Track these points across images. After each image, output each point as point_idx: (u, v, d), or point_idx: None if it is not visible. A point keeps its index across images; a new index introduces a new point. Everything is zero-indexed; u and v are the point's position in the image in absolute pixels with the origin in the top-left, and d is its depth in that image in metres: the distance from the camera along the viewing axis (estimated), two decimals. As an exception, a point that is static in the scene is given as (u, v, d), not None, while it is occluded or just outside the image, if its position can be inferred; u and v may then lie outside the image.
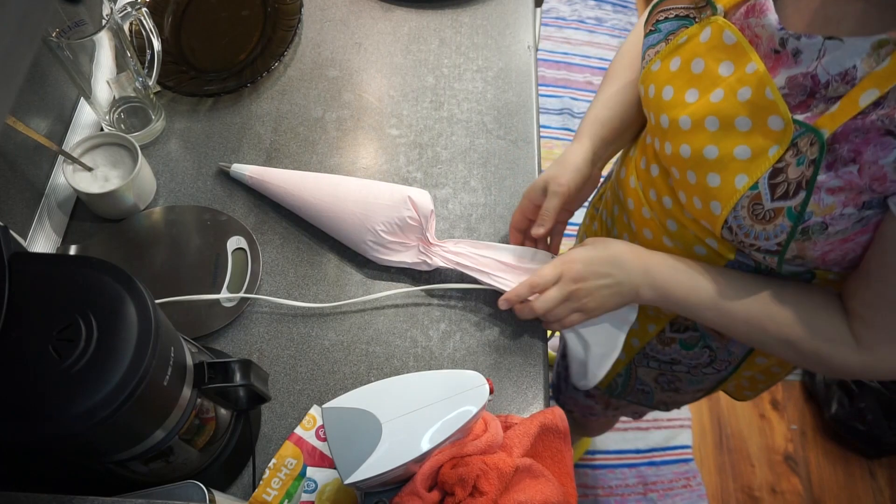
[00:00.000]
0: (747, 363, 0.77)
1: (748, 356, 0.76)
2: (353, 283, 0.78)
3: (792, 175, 0.53)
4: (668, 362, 0.82)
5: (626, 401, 0.95)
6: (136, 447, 0.51)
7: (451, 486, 0.57)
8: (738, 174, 0.56)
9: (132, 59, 0.77)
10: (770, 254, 0.58)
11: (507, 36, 0.98)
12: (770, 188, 0.55)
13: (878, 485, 1.62)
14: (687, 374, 0.82)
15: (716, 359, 0.78)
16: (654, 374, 0.85)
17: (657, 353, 0.82)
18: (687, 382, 0.84)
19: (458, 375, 0.58)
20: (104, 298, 0.46)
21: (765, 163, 0.55)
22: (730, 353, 0.76)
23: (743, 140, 0.56)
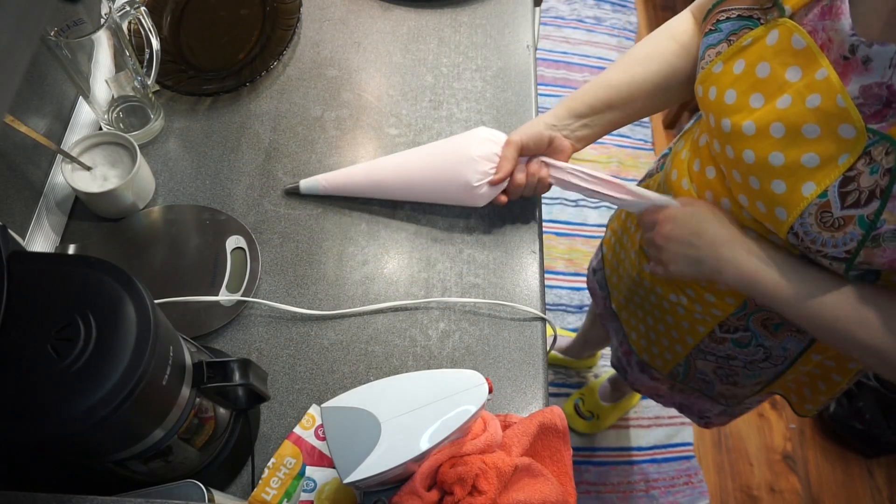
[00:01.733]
0: (804, 359, 0.77)
1: (804, 352, 0.75)
2: (353, 282, 0.78)
3: (864, 184, 0.52)
4: (724, 357, 0.81)
5: (689, 387, 0.94)
6: (136, 446, 0.50)
7: (450, 486, 0.57)
8: (805, 182, 0.55)
9: (131, 59, 0.77)
10: (837, 261, 0.57)
11: (506, 35, 0.98)
12: (840, 196, 0.54)
13: (877, 484, 1.62)
14: (744, 368, 0.82)
15: (771, 355, 0.77)
16: (712, 367, 0.85)
17: (712, 349, 0.81)
18: (744, 376, 0.83)
19: (457, 375, 0.58)
20: (103, 298, 0.46)
21: (834, 171, 0.54)
22: (785, 350, 0.76)
23: (811, 148, 0.55)
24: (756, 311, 0.72)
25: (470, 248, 0.81)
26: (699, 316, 0.77)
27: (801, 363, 0.78)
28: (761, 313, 0.72)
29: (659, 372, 0.94)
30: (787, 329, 0.73)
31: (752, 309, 0.72)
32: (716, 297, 0.74)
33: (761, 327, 0.74)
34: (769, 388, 0.87)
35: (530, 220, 0.84)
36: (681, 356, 0.86)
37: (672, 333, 0.85)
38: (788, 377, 0.83)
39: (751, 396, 0.90)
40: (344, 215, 0.82)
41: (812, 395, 0.85)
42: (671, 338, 0.86)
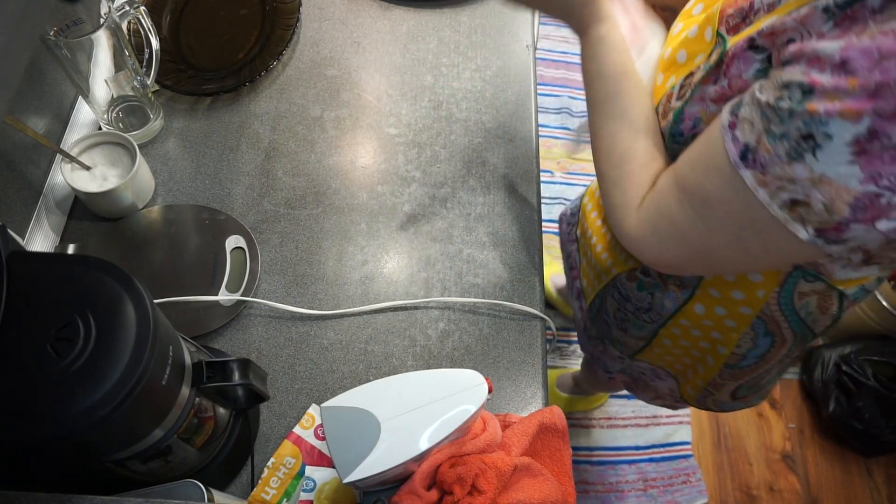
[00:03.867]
0: (674, 321, 0.78)
1: (675, 314, 0.77)
2: (352, 281, 0.78)
3: (694, 79, 0.57)
4: (624, 298, 0.84)
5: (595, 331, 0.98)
6: (135, 446, 0.50)
7: (449, 485, 0.57)
8: (671, 75, 0.62)
9: (130, 58, 0.77)
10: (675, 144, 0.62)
11: (506, 35, 0.98)
12: (679, 87, 0.59)
13: (876, 483, 1.62)
14: (633, 315, 0.84)
15: (653, 307, 0.79)
16: (614, 307, 0.87)
17: (621, 286, 0.84)
18: (632, 325, 0.85)
19: (456, 374, 0.58)
20: (102, 297, 0.46)
21: (689, 67, 0.59)
22: (663, 308, 0.78)
23: (685, 46, 0.61)
24: None
25: (470, 248, 0.81)
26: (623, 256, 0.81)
27: (671, 325, 0.79)
28: None
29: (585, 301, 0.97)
30: (673, 282, 0.74)
31: None
32: None
33: (658, 274, 0.76)
34: (650, 349, 0.88)
35: (530, 220, 0.84)
36: (601, 286, 0.89)
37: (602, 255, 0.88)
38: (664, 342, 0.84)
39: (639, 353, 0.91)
40: (344, 215, 0.82)
41: (693, 377, 0.86)
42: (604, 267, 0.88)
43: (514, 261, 0.81)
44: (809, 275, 0.61)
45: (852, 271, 0.59)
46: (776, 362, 0.75)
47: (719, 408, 0.90)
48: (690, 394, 0.89)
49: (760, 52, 0.50)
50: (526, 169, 0.87)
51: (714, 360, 0.79)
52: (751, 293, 0.65)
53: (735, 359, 0.75)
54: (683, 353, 0.83)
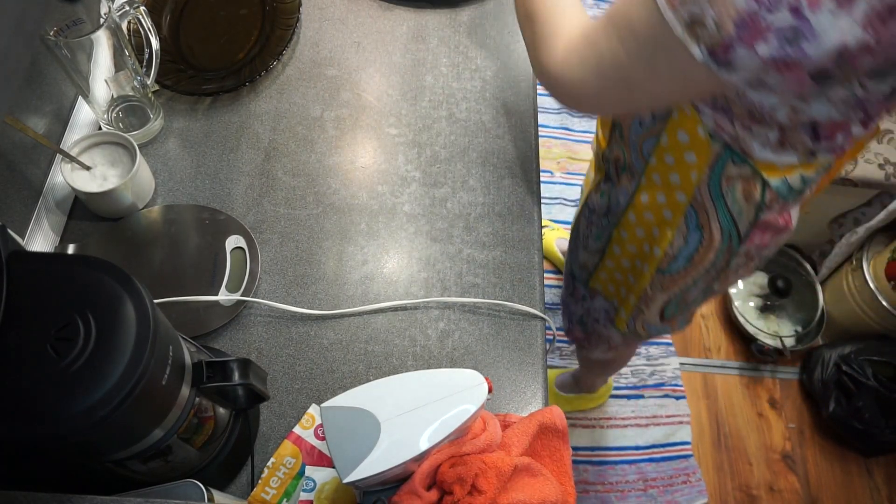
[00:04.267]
0: (624, 220, 0.82)
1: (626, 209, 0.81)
2: (352, 281, 0.78)
3: None
4: (591, 211, 0.90)
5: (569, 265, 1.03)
6: (135, 446, 0.51)
7: (449, 485, 0.57)
8: None
9: (130, 58, 0.77)
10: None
11: (506, 35, 0.98)
12: None
13: (876, 483, 1.62)
14: (596, 224, 0.90)
15: (609, 209, 0.85)
16: (584, 225, 0.93)
17: (591, 202, 0.90)
18: (594, 237, 0.91)
19: (456, 374, 0.58)
20: (102, 297, 0.46)
21: None
22: (618, 205, 0.82)
23: None
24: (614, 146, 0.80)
25: (469, 247, 0.81)
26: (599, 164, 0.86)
27: (623, 223, 0.83)
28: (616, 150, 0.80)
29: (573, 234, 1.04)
30: (626, 175, 0.79)
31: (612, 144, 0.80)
32: (600, 131, 0.85)
33: (615, 171, 0.81)
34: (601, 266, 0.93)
35: (530, 220, 0.84)
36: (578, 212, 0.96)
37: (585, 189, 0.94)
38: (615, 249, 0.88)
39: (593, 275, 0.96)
40: (344, 215, 0.82)
41: (626, 296, 0.91)
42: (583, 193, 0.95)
43: (514, 261, 0.81)
44: (736, 156, 0.64)
45: (771, 153, 0.62)
46: (703, 272, 0.79)
47: (648, 331, 0.95)
48: (623, 318, 0.94)
49: None
50: (526, 169, 0.87)
51: (649, 265, 0.82)
52: (685, 176, 0.70)
53: (667, 261, 0.79)
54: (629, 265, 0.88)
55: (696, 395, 1.69)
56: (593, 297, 1.00)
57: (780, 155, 0.63)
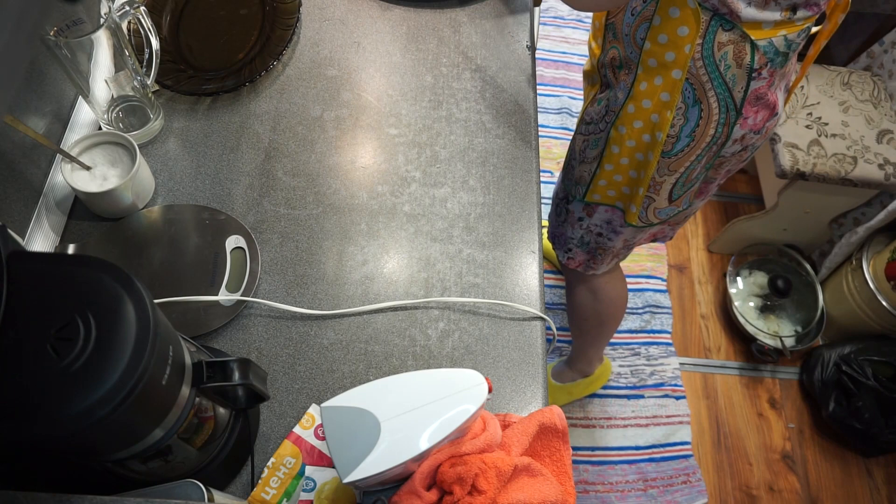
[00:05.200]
0: (623, 113, 0.86)
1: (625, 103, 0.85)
2: (352, 281, 0.78)
3: None
4: (587, 122, 0.94)
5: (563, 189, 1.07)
6: (135, 446, 0.50)
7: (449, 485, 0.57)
8: None
9: (130, 58, 0.77)
10: None
11: (506, 35, 0.98)
12: None
13: (876, 483, 1.62)
14: (593, 134, 0.93)
15: (608, 108, 0.88)
16: (580, 141, 0.97)
17: (587, 116, 0.94)
18: (591, 145, 0.94)
19: (456, 374, 0.58)
20: (102, 297, 0.46)
21: None
22: (616, 101, 0.86)
23: None
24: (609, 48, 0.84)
25: (470, 248, 0.81)
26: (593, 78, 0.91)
27: (621, 119, 0.87)
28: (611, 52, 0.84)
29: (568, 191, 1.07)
30: (623, 71, 0.84)
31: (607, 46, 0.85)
32: (594, 40, 0.88)
33: (611, 72, 0.86)
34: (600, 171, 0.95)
35: (530, 220, 0.84)
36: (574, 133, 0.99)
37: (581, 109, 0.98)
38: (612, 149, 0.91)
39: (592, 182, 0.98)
40: (344, 215, 0.82)
41: (634, 192, 0.94)
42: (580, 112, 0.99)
43: (514, 261, 0.81)
44: (725, 22, 0.72)
45: (755, 10, 0.70)
46: (705, 147, 0.84)
47: (659, 217, 0.98)
48: (633, 211, 0.97)
49: None
50: (526, 169, 0.87)
51: (653, 153, 0.86)
52: (679, 51, 0.75)
53: (670, 143, 0.84)
54: (629, 163, 0.91)
55: (696, 395, 1.69)
56: (592, 213, 1.03)
57: (764, 11, 0.70)
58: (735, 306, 1.74)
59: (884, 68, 1.64)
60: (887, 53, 1.63)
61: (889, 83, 1.62)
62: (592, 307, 1.31)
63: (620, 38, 0.82)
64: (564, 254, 1.17)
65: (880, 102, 1.59)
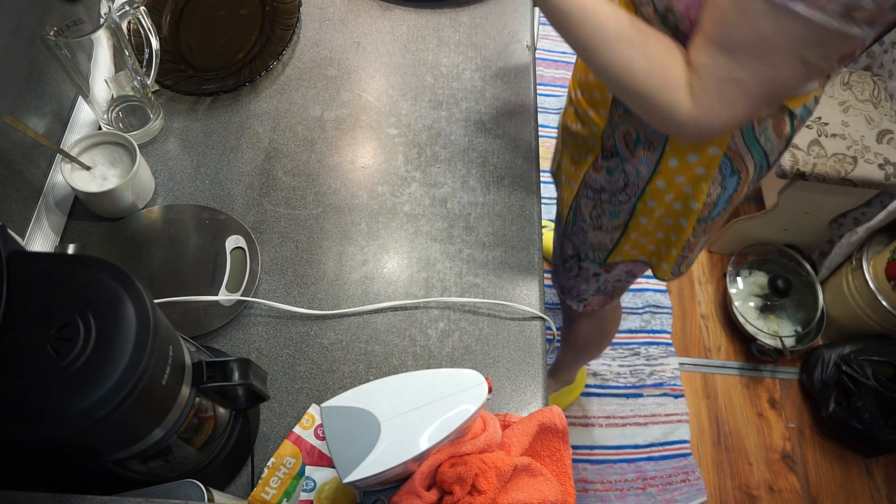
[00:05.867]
0: (651, 188, 0.81)
1: (653, 177, 0.79)
2: (352, 281, 0.78)
3: None
4: (598, 190, 0.89)
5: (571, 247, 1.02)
6: (135, 446, 0.50)
7: (449, 485, 0.57)
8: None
9: (130, 58, 0.77)
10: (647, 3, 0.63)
11: (506, 35, 0.98)
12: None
13: (876, 483, 1.62)
14: (609, 202, 0.88)
15: (628, 182, 0.83)
16: (590, 207, 0.92)
17: (592, 182, 0.89)
18: (608, 215, 0.89)
19: (456, 374, 0.58)
20: (102, 297, 0.46)
21: None
22: (638, 175, 0.81)
23: None
24: (619, 123, 0.78)
25: (470, 247, 0.81)
26: (590, 143, 0.85)
27: (650, 192, 0.81)
28: (623, 126, 0.78)
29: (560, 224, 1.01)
30: (642, 147, 0.78)
31: (616, 121, 0.79)
32: (594, 110, 0.81)
33: (624, 146, 0.80)
34: (625, 239, 0.91)
35: (530, 220, 0.84)
36: (573, 193, 0.93)
37: (571, 169, 0.91)
38: (640, 220, 0.87)
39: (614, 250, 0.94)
40: (344, 215, 0.82)
41: (666, 251, 0.90)
42: (570, 174, 0.92)
43: (514, 261, 0.81)
44: None
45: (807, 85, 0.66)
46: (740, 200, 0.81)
47: (689, 266, 0.95)
48: (665, 269, 0.94)
49: None
50: (526, 169, 0.87)
51: (687, 220, 0.83)
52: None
53: (707, 210, 0.80)
54: (657, 228, 0.87)
55: (696, 396, 1.69)
56: (611, 269, 1.00)
57: (811, 84, 0.67)
58: (735, 306, 1.74)
59: (884, 68, 1.64)
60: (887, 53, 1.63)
61: (889, 83, 1.62)
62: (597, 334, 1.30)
63: (636, 119, 0.76)
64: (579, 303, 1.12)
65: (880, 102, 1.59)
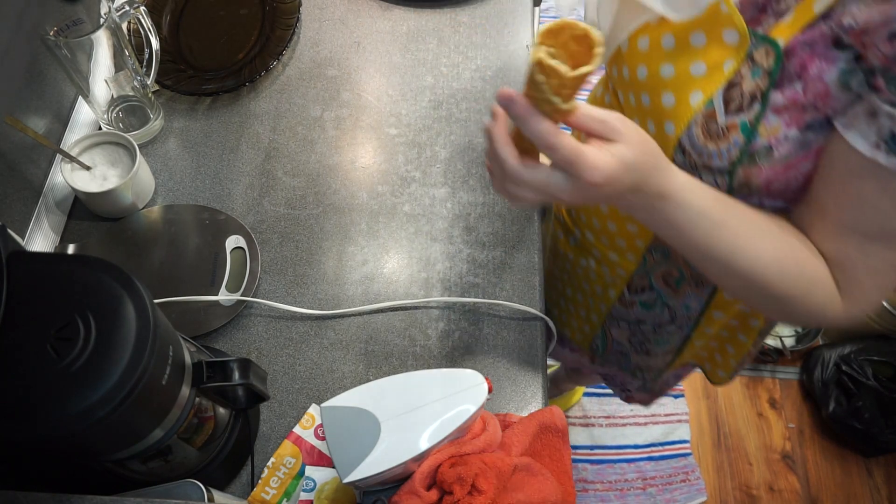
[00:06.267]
0: (706, 318, 0.77)
1: (706, 310, 0.76)
2: (352, 281, 0.78)
3: (746, 88, 0.52)
4: (635, 322, 0.83)
5: (608, 360, 0.96)
6: (135, 446, 0.51)
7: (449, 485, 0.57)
8: (692, 91, 0.55)
9: (130, 58, 0.77)
10: (720, 174, 0.57)
11: (506, 35, 0.98)
12: (724, 102, 0.54)
13: (876, 483, 1.62)
14: (654, 332, 0.83)
15: (676, 315, 0.79)
16: (626, 335, 0.86)
17: (623, 315, 0.83)
18: (655, 343, 0.85)
19: (456, 374, 0.58)
20: (102, 297, 0.46)
21: (719, 77, 0.53)
22: (688, 309, 0.77)
23: (699, 56, 0.54)
24: (655, 266, 0.73)
25: (470, 248, 0.81)
26: (608, 279, 0.79)
27: (704, 323, 0.78)
28: (661, 268, 0.73)
29: (579, 346, 0.95)
30: (688, 284, 0.73)
31: (651, 264, 0.73)
32: (618, 255, 0.75)
33: (663, 284, 0.75)
34: (681, 357, 0.88)
35: (530, 220, 0.84)
36: (597, 326, 0.88)
37: (588, 302, 0.86)
38: (696, 343, 0.84)
39: (665, 369, 0.91)
40: (344, 215, 0.82)
41: (722, 359, 0.86)
42: (587, 307, 0.87)
43: (514, 261, 0.81)
44: None
45: None
46: None
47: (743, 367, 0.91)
48: (722, 376, 0.89)
49: (846, 51, 0.47)
50: (526, 169, 0.87)
51: (746, 335, 0.79)
52: None
53: (767, 324, 0.76)
54: (712, 340, 0.83)
55: (695, 395, 1.69)
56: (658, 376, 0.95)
57: None
58: (735, 306, 1.74)
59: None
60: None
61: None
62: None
63: (680, 262, 0.70)
64: (622, 392, 1.07)
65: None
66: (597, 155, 0.47)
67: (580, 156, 0.46)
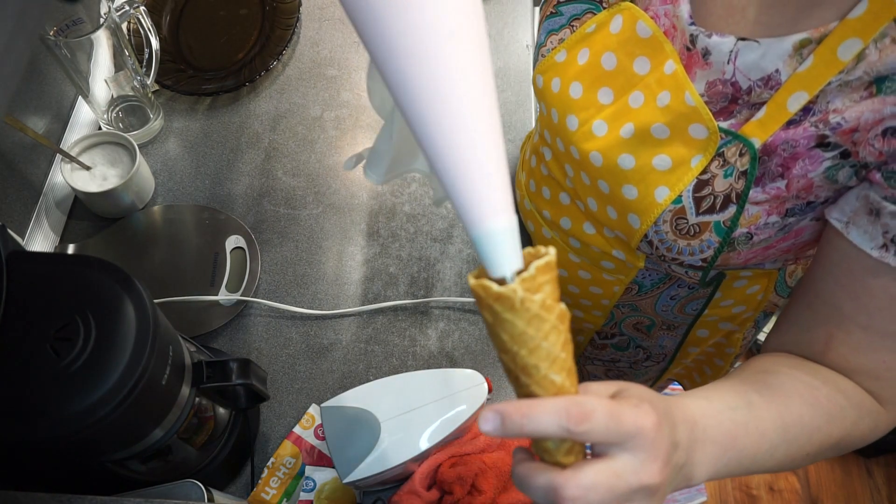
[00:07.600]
0: (682, 353, 0.76)
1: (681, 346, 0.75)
2: (352, 281, 0.78)
3: (719, 188, 0.49)
4: (609, 361, 0.82)
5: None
6: (135, 446, 0.51)
7: (449, 485, 0.57)
8: (657, 186, 0.51)
9: (130, 58, 0.77)
10: (694, 269, 0.55)
11: (506, 35, 0.98)
12: (695, 201, 0.50)
13: (876, 483, 1.62)
14: (629, 368, 0.82)
15: (651, 354, 0.78)
16: (601, 370, 0.86)
17: (596, 356, 0.82)
18: (632, 376, 0.84)
19: (456, 374, 0.58)
20: (102, 297, 0.46)
21: (687, 174, 0.50)
22: (662, 347, 0.75)
23: (662, 149, 0.51)
24: (624, 318, 0.71)
25: (470, 247, 0.81)
26: (575, 329, 0.77)
27: (680, 357, 0.78)
28: (631, 319, 0.71)
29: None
30: (659, 329, 0.71)
31: (620, 317, 0.72)
32: (584, 312, 0.73)
33: (634, 330, 0.74)
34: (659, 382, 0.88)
35: (530, 220, 0.84)
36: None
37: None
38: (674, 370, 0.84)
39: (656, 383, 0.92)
40: (344, 215, 0.82)
41: (700, 380, 0.86)
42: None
43: (513, 261, 0.81)
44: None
45: None
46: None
47: None
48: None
49: (831, 150, 0.45)
50: (526, 169, 0.87)
51: (724, 360, 0.79)
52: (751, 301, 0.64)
53: (743, 348, 0.76)
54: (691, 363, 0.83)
55: (696, 395, 1.69)
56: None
57: None
58: (735, 306, 1.74)
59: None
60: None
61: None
62: None
63: (650, 312, 0.69)
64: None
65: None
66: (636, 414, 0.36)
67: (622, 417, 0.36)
